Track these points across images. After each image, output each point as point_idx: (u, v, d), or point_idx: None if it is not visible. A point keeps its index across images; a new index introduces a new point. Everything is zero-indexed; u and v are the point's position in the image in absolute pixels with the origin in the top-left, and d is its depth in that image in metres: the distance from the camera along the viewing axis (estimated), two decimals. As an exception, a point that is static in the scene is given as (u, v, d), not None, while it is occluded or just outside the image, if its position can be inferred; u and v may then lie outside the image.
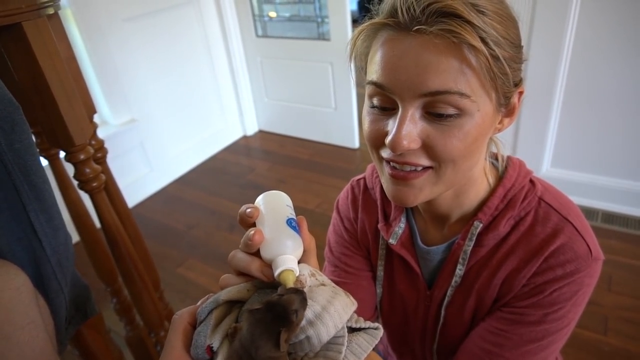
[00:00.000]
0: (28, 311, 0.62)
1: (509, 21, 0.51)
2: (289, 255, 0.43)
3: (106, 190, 1.05)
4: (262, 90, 3.35)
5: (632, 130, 1.99)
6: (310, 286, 0.43)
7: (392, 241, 0.69)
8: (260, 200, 0.48)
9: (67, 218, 0.90)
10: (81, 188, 0.96)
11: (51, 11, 0.79)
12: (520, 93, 0.56)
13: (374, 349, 0.45)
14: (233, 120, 3.41)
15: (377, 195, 0.74)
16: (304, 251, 0.46)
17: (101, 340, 1.06)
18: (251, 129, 3.53)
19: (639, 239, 2.02)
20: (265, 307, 0.38)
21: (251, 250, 0.44)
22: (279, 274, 0.41)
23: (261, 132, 3.56)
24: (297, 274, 0.43)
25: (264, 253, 0.43)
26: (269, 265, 0.43)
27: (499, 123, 0.57)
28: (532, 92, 2.08)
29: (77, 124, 0.83)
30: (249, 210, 0.45)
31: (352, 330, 0.44)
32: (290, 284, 0.41)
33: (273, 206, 0.47)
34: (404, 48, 0.48)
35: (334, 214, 0.82)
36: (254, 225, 0.46)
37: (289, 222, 0.45)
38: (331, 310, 0.41)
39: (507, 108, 0.55)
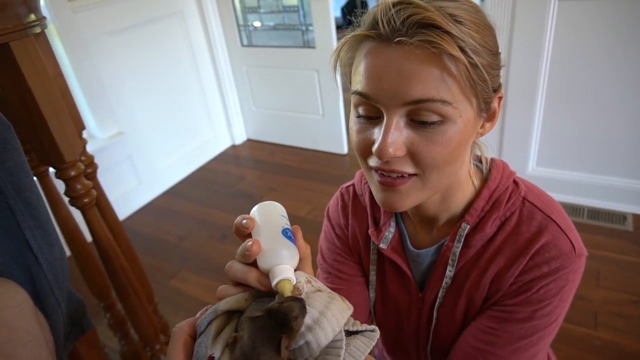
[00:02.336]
0: (29, 328, 0.62)
1: (486, 29, 0.52)
2: (285, 265, 0.44)
3: (97, 206, 1.05)
4: (249, 99, 3.36)
5: (613, 128, 2.03)
6: (307, 293, 0.44)
7: (382, 246, 0.70)
8: (255, 211, 0.49)
9: (59, 234, 0.90)
10: (72, 204, 0.96)
11: (38, 30, 0.80)
12: (500, 98, 0.58)
13: (370, 353, 0.46)
14: (221, 130, 3.41)
15: (367, 201, 0.75)
16: (300, 259, 0.47)
17: (96, 356, 1.06)
18: (239, 138, 3.53)
19: (625, 234, 2.06)
20: (266, 315, 0.38)
21: (248, 260, 0.45)
22: (277, 284, 0.42)
23: (250, 141, 3.57)
24: (294, 283, 0.43)
25: (261, 263, 0.44)
26: (266, 275, 0.44)
27: (481, 128, 0.58)
28: (515, 94, 2.12)
29: (66, 141, 0.83)
30: (244, 221, 0.46)
31: (349, 333, 0.45)
32: (288, 293, 0.42)
33: (268, 217, 0.48)
34: (386, 58, 0.50)
35: (325, 222, 0.83)
36: (249, 236, 0.47)
37: (285, 232, 0.46)
38: (329, 315, 0.42)
39: (487, 113, 0.57)
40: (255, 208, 0.49)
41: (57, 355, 0.72)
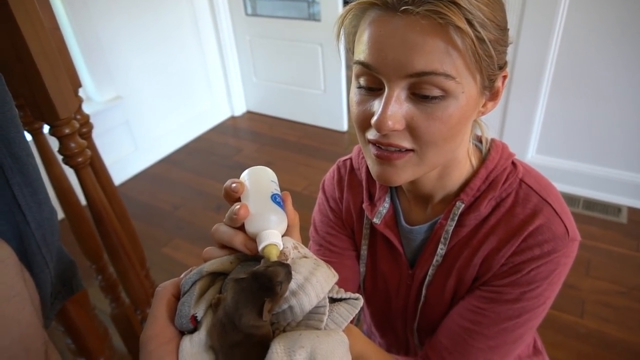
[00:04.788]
0: (14, 284, 0.61)
1: (496, 3, 0.51)
2: (273, 230, 0.43)
3: (92, 166, 1.04)
4: (251, 70, 3.32)
5: (616, 120, 2.02)
6: (293, 258, 0.44)
7: (376, 220, 0.70)
8: (245, 175, 0.48)
9: (52, 194, 0.89)
10: (66, 163, 0.95)
11: (34, -20, 0.77)
12: (504, 77, 0.57)
13: (357, 326, 0.46)
14: (221, 100, 3.37)
15: (363, 175, 0.74)
16: (288, 226, 0.47)
17: (86, 316, 1.07)
18: (239, 110, 3.50)
19: (618, 226, 2.07)
20: (251, 277, 0.38)
21: (236, 224, 0.45)
22: (263, 248, 0.42)
23: (249, 113, 3.54)
24: (281, 248, 0.43)
25: (249, 227, 0.44)
26: (252, 239, 0.44)
27: (483, 106, 0.57)
28: (520, 78, 2.10)
29: (61, 97, 0.81)
30: (234, 185, 0.46)
31: (333, 300, 0.45)
32: (274, 257, 0.41)
33: (258, 181, 0.47)
34: (391, 28, 0.48)
35: (320, 194, 0.83)
36: (239, 200, 0.46)
37: (274, 197, 0.46)
38: (313, 281, 0.42)
39: (491, 91, 0.56)
40: (245, 172, 0.49)
41: (44, 313, 0.72)
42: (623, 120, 2.00)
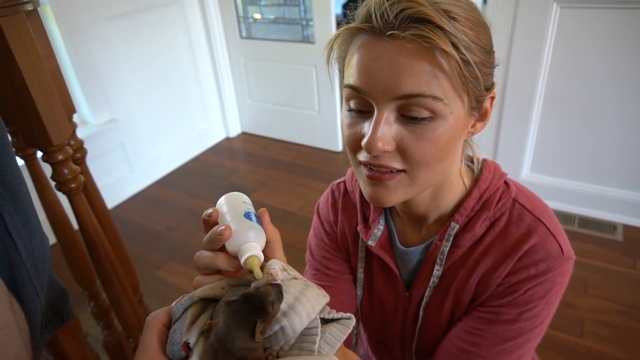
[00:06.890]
0: (1, 316, 0.60)
1: (480, 27, 0.52)
2: (252, 243, 0.46)
3: (85, 192, 1.03)
4: (246, 92, 3.34)
5: (608, 138, 2.04)
6: (282, 280, 0.44)
7: (371, 243, 0.70)
8: (220, 201, 0.52)
9: (44, 219, 0.88)
10: (59, 189, 0.95)
11: (30, 7, 0.78)
12: (492, 98, 0.58)
13: (354, 350, 0.46)
14: (216, 122, 3.39)
15: (357, 198, 0.74)
16: (270, 242, 0.49)
17: (77, 346, 1.04)
18: (234, 131, 3.52)
19: (614, 244, 2.07)
20: (242, 299, 0.38)
21: (218, 245, 0.46)
22: (245, 261, 0.44)
23: (244, 134, 3.55)
24: (262, 259, 0.45)
25: (229, 246, 0.46)
26: (234, 257, 0.46)
27: (472, 127, 0.58)
28: (512, 98, 2.12)
29: (55, 124, 0.81)
30: (208, 211, 0.49)
31: (325, 321, 0.45)
32: (257, 268, 0.43)
33: (232, 204, 0.50)
34: (378, 52, 0.50)
35: (315, 218, 0.83)
36: (216, 225, 0.48)
37: (247, 215, 0.48)
38: (303, 301, 0.42)
39: (479, 112, 0.57)
40: (220, 200, 0.52)
41: (33, 344, 0.70)
42: (617, 138, 2.02)
